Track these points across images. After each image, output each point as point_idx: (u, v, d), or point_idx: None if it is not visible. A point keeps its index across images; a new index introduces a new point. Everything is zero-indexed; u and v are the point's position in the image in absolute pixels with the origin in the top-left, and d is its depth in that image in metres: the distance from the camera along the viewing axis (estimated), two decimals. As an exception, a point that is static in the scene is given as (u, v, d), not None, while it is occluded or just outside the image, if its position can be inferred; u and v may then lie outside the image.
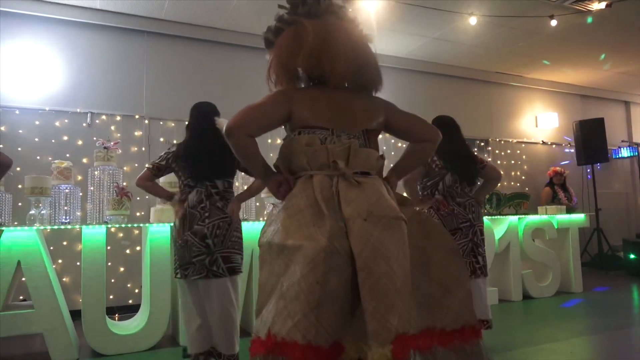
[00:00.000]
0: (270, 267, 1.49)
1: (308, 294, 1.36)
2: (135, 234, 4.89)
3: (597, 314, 4.52)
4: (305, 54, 1.59)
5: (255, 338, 1.43)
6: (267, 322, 1.40)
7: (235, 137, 1.56)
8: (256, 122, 1.60)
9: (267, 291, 1.47)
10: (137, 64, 5.24)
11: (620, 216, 8.59)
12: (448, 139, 3.21)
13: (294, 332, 1.34)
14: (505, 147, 7.62)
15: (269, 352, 1.35)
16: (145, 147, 5.15)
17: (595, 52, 6.67)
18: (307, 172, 1.56)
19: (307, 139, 1.57)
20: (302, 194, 1.51)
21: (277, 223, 1.52)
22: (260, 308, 1.48)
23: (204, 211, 2.66)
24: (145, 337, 3.47)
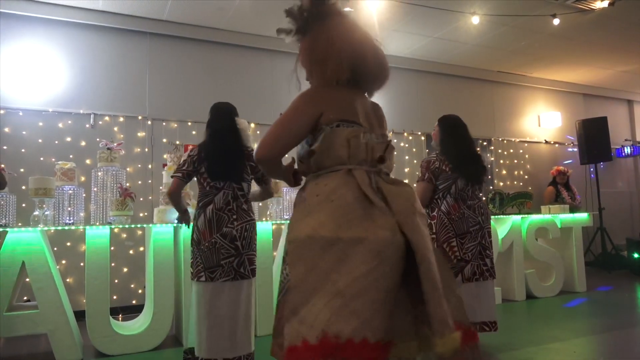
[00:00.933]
0: (311, 262, 1.34)
1: (375, 290, 1.31)
2: (139, 234, 4.90)
3: (600, 313, 4.51)
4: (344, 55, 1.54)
5: (297, 345, 1.27)
6: (316, 323, 1.27)
7: (267, 165, 1.58)
8: (286, 147, 1.53)
9: (306, 290, 1.32)
10: (140, 65, 5.25)
11: (623, 215, 8.57)
12: (454, 141, 3.21)
13: (362, 330, 1.26)
14: (508, 146, 7.61)
15: (326, 356, 1.25)
16: (148, 148, 5.16)
17: (598, 50, 6.65)
18: (346, 165, 1.48)
19: (348, 132, 1.50)
20: (346, 187, 1.43)
21: (319, 215, 1.39)
22: (296, 309, 1.32)
23: (231, 213, 2.67)
24: (149, 338, 3.48)
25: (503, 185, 7.41)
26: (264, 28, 5.56)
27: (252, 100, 5.62)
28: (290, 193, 4.34)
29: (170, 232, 3.63)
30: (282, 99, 5.84)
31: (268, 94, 5.80)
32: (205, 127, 2.83)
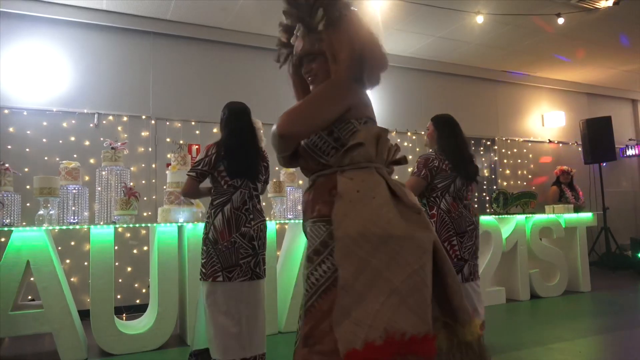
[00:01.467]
0: (362, 261, 1.30)
1: (427, 286, 1.33)
2: (143, 233, 4.91)
3: (605, 313, 4.49)
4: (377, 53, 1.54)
5: (358, 348, 1.24)
6: (376, 323, 1.25)
7: (288, 142, 1.43)
8: (312, 129, 1.45)
9: (358, 290, 1.29)
10: (144, 64, 5.26)
11: (628, 215, 8.54)
12: (453, 140, 3.20)
13: (422, 326, 1.28)
14: (512, 146, 7.59)
15: (394, 355, 1.24)
16: (152, 148, 5.17)
17: (602, 50, 6.62)
18: (373, 163, 1.46)
19: (378, 130, 1.48)
20: (381, 184, 1.42)
21: (365, 212, 1.35)
22: (348, 311, 1.27)
23: (248, 213, 2.67)
24: (154, 337, 3.48)
25: (507, 185, 7.39)
26: (268, 27, 5.55)
27: (255, 100, 5.59)
28: (293, 192, 4.34)
29: (175, 231, 3.64)
30: (285, 98, 5.81)
31: (272, 94, 5.79)
32: (221, 126, 2.80)
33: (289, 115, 1.41)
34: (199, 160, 2.71)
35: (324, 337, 1.30)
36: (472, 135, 7.17)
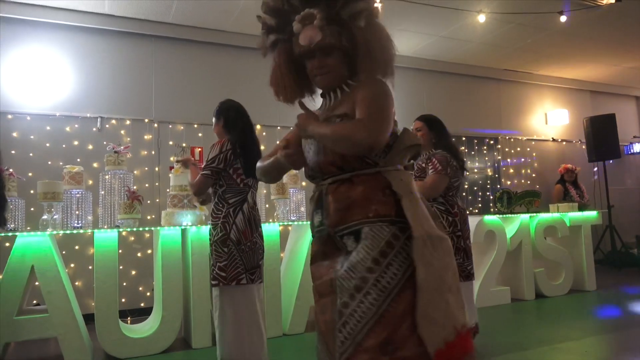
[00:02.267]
0: (429, 262, 1.31)
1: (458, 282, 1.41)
2: (147, 237, 4.92)
3: (611, 312, 4.47)
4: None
5: (442, 348, 1.26)
6: (447, 322, 1.29)
7: (372, 150, 1.38)
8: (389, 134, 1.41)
9: (430, 290, 1.29)
10: (146, 68, 5.27)
11: (633, 212, 8.49)
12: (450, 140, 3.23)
13: (467, 319, 1.38)
14: (515, 144, 7.57)
15: (466, 348, 1.30)
16: (155, 151, 5.18)
17: (605, 47, 6.59)
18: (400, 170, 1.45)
19: (408, 133, 1.48)
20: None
21: (423, 213, 1.38)
22: (426, 312, 1.28)
23: (258, 213, 2.67)
24: (158, 340, 3.48)
25: (510, 184, 7.36)
26: (269, 29, 5.55)
27: (257, 102, 5.59)
28: (296, 194, 4.34)
29: (178, 234, 3.64)
30: (287, 100, 5.82)
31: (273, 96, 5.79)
32: (228, 124, 2.73)
33: (374, 124, 1.34)
34: (213, 158, 2.60)
35: (406, 342, 1.27)
36: (475, 134, 7.15)
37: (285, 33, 1.53)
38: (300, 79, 1.57)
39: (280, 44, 1.56)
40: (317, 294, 1.46)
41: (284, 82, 1.57)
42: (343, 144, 1.35)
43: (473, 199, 7.13)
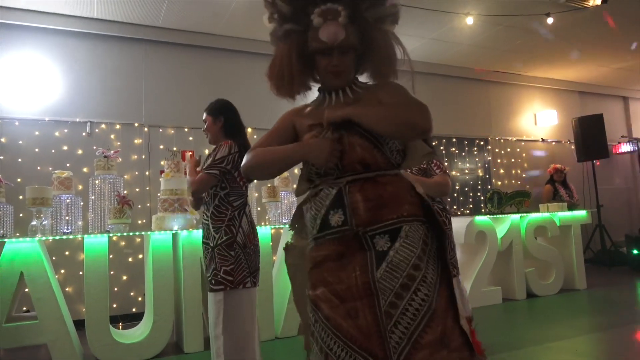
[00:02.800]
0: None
1: None
2: (137, 242, 4.89)
3: (601, 311, 4.51)
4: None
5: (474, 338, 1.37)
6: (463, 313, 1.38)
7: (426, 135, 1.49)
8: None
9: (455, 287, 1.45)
10: (136, 72, 5.25)
11: (622, 212, 8.58)
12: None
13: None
14: (505, 145, 7.62)
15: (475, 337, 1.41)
16: (145, 155, 5.15)
17: (592, 48, 6.67)
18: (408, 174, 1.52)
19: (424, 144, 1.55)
20: None
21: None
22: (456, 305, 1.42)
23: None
24: (150, 345, 3.46)
25: (501, 184, 7.41)
26: (260, 33, 5.55)
27: (248, 105, 5.60)
28: (288, 197, 4.34)
29: (169, 239, 3.62)
30: (278, 103, 5.82)
31: (264, 99, 5.77)
32: (226, 126, 2.68)
33: (428, 111, 1.40)
34: (222, 158, 2.53)
35: (452, 334, 1.30)
36: (466, 136, 7.20)
37: (301, 24, 1.43)
38: (303, 74, 1.49)
39: (294, 35, 1.44)
40: (335, 298, 1.30)
41: (291, 74, 1.45)
42: (406, 127, 1.35)
43: (464, 200, 7.17)
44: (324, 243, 1.36)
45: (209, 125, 2.70)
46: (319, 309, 1.30)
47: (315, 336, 1.31)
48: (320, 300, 1.31)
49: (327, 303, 1.30)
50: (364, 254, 1.32)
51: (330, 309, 1.29)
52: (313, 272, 1.36)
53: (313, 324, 1.32)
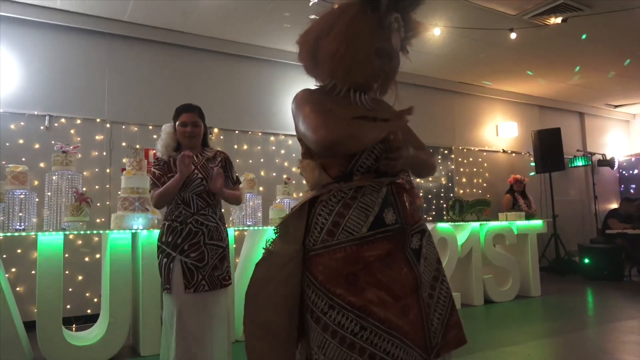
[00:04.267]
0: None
1: None
2: (95, 241, 4.74)
3: (554, 317, 4.68)
4: None
5: None
6: None
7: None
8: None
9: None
10: (99, 66, 5.10)
11: (576, 222, 8.94)
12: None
13: None
14: (468, 155, 7.82)
15: None
16: (106, 152, 5.01)
17: (552, 64, 6.94)
18: None
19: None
20: None
21: None
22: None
23: None
24: (104, 348, 3.36)
25: (463, 192, 7.60)
26: (229, 32, 5.51)
27: (215, 105, 5.56)
28: (253, 199, 4.31)
29: (128, 238, 3.53)
30: (246, 104, 5.80)
31: (232, 99, 5.75)
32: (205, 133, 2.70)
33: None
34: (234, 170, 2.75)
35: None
36: (431, 144, 7.34)
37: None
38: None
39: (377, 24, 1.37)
40: (390, 297, 1.27)
41: (368, 54, 1.38)
42: (432, 170, 1.60)
43: (427, 207, 7.30)
44: (376, 242, 1.30)
45: (201, 130, 2.63)
46: (371, 314, 1.24)
47: (358, 347, 1.23)
48: (373, 304, 1.25)
49: (382, 306, 1.25)
50: (404, 252, 1.33)
51: (386, 311, 1.25)
52: (362, 273, 1.27)
53: (357, 333, 1.23)
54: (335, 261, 1.28)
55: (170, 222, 2.48)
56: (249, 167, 5.66)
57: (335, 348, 1.23)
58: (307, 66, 1.47)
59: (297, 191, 5.79)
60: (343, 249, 1.29)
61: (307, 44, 1.42)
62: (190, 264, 2.40)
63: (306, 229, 1.35)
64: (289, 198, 4.55)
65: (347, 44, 1.34)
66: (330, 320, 1.25)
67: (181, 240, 2.43)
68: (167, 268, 2.41)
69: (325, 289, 1.27)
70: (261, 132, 5.87)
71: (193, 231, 2.45)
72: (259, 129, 5.87)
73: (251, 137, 5.81)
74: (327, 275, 1.28)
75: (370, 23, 1.35)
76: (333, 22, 1.37)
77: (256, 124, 5.86)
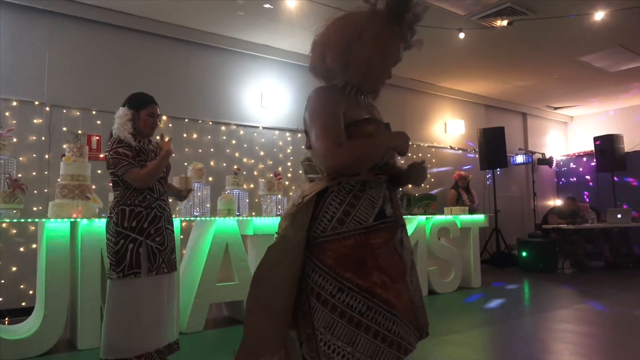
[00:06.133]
0: None
1: None
2: (31, 230, 4.50)
3: (493, 307, 4.90)
4: None
5: None
6: None
7: None
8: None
9: None
10: (39, 45, 4.82)
11: (516, 217, 9.38)
12: None
13: None
14: (418, 150, 8.01)
15: None
16: (45, 137, 4.76)
17: (497, 66, 7.22)
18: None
19: None
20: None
21: None
22: None
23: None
24: (39, 342, 3.21)
25: (411, 187, 7.76)
26: (178, 17, 5.36)
27: (164, 92, 5.40)
28: (202, 189, 4.23)
29: (67, 227, 3.38)
30: (197, 92, 5.66)
31: (181, 86, 5.60)
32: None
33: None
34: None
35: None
36: (381, 139, 7.46)
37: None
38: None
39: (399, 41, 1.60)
40: (390, 280, 1.42)
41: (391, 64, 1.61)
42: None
43: (377, 201, 7.43)
44: (379, 231, 1.44)
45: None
46: (375, 295, 1.37)
47: (364, 325, 1.36)
48: (377, 286, 1.38)
49: (384, 288, 1.39)
50: (393, 242, 1.47)
51: (387, 292, 1.39)
52: (369, 258, 1.40)
53: (363, 313, 1.36)
54: (345, 247, 1.39)
55: (133, 207, 2.52)
56: (198, 156, 5.54)
57: (344, 327, 1.35)
58: (332, 67, 1.50)
59: (248, 182, 5.74)
60: (352, 237, 1.40)
61: (339, 47, 1.48)
62: (155, 247, 2.53)
63: (312, 217, 1.43)
64: (239, 189, 4.51)
65: (380, 52, 1.49)
66: (339, 302, 1.36)
67: (147, 225, 2.53)
68: (135, 253, 2.46)
69: (335, 272, 1.38)
70: (212, 121, 5.76)
71: (158, 216, 2.59)
72: (209, 117, 5.75)
73: (201, 126, 5.69)
74: (337, 260, 1.38)
75: (394, 35, 1.52)
76: (362, 28, 1.47)
77: (207, 112, 5.74)
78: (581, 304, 4.89)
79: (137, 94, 2.71)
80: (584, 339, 3.56)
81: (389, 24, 1.49)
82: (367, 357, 1.35)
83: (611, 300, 5.04)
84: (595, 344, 3.44)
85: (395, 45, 1.53)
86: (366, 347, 1.35)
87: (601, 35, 5.99)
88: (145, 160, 2.58)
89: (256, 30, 5.73)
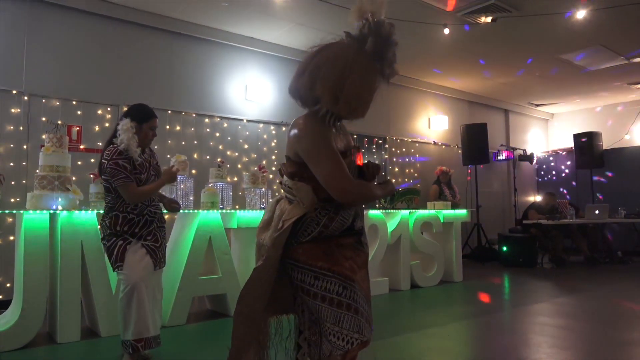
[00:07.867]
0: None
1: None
2: (9, 222, 4.40)
3: (473, 300, 4.97)
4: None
5: None
6: None
7: None
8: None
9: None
10: (17, 32, 4.69)
11: (496, 213, 9.52)
12: None
13: None
14: (401, 145, 8.06)
15: None
16: (23, 127, 4.65)
17: (481, 62, 7.28)
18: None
19: None
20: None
21: None
22: None
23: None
24: (16, 335, 3.15)
25: (395, 181, 7.83)
26: (165, 8, 5.27)
27: (146, 83, 5.32)
28: (185, 182, 4.19)
29: (46, 219, 3.31)
30: (180, 83, 5.59)
31: (164, 77, 5.52)
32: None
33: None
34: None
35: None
36: (366, 134, 7.48)
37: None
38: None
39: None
40: (357, 267, 1.63)
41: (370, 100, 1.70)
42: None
43: (360, 195, 7.45)
44: (346, 236, 1.66)
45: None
46: (347, 277, 1.57)
47: (345, 304, 1.55)
48: (347, 269, 1.59)
49: (353, 272, 1.60)
50: (358, 241, 1.70)
51: (357, 275, 1.61)
52: (336, 250, 1.61)
53: (341, 293, 1.55)
54: (316, 243, 1.60)
55: (126, 214, 2.77)
56: (181, 148, 5.48)
57: (327, 309, 1.56)
58: (322, 98, 1.59)
59: (231, 175, 5.70)
60: (322, 239, 1.62)
61: (329, 81, 1.58)
62: (150, 245, 2.81)
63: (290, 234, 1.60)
64: (222, 181, 4.47)
65: (368, 89, 1.64)
66: (319, 289, 1.57)
67: (139, 229, 2.80)
68: (122, 249, 2.71)
69: (308, 264, 1.58)
70: (195, 114, 5.70)
71: (149, 221, 2.85)
72: (192, 110, 5.69)
73: (184, 118, 5.62)
74: (308, 254, 1.59)
75: (377, 71, 1.66)
76: (350, 65, 1.59)
77: (190, 104, 5.68)
78: (559, 298, 5.00)
79: (139, 106, 2.91)
80: (562, 331, 3.63)
81: (372, 61, 1.63)
82: (355, 332, 1.54)
83: (588, 294, 5.15)
84: (573, 336, 3.52)
85: (378, 81, 1.68)
86: (351, 324, 1.55)
87: (583, 34, 6.08)
88: (140, 173, 2.80)
89: (241, 22, 5.68)
